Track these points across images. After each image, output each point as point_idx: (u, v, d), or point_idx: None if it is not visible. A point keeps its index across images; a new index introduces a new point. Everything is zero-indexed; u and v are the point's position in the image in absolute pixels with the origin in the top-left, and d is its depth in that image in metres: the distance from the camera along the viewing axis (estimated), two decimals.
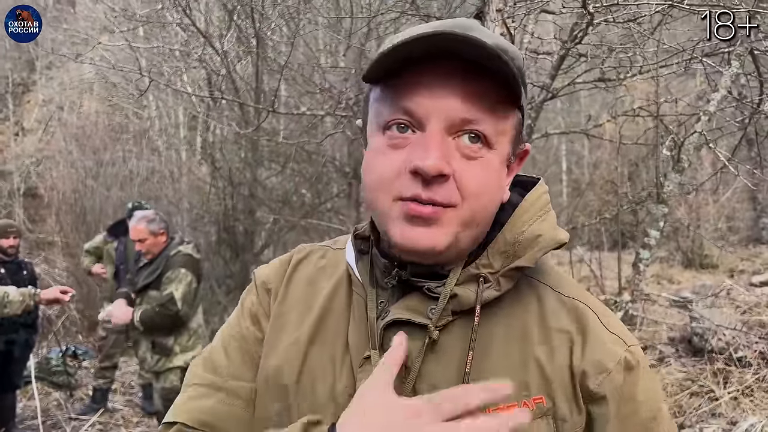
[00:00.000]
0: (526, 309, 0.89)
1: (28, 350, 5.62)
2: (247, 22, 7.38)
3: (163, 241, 4.35)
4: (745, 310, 5.89)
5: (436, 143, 0.79)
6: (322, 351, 0.92)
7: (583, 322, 0.88)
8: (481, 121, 0.80)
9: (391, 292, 0.90)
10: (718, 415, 4.56)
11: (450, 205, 0.81)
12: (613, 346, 0.86)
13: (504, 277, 0.87)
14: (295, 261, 1.05)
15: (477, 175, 0.81)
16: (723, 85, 3.70)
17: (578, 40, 3.40)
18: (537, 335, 0.87)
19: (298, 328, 0.95)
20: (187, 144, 13.99)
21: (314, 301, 0.98)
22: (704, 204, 12.65)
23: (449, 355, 0.86)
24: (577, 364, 0.85)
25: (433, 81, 0.79)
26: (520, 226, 0.88)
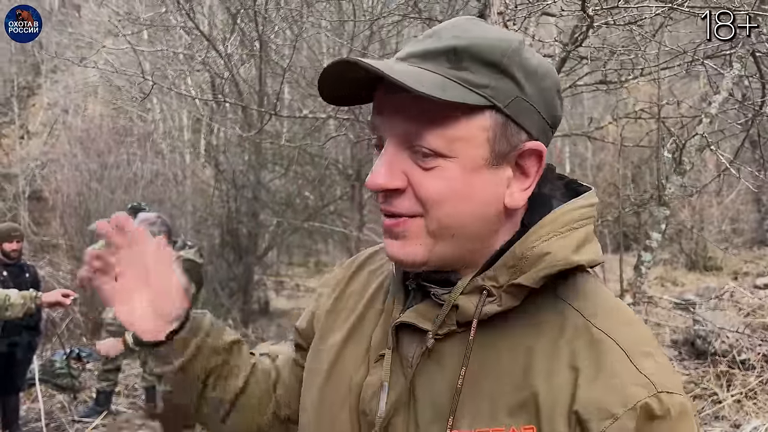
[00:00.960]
0: (541, 332, 0.81)
1: (31, 353, 5.64)
2: (250, 26, 7.41)
3: None
4: (748, 312, 5.87)
5: (386, 160, 0.82)
6: (357, 347, 0.96)
7: (600, 358, 0.76)
8: (423, 134, 0.79)
9: (413, 295, 0.92)
10: (722, 418, 4.55)
11: (413, 215, 0.82)
12: (634, 387, 0.73)
13: (506, 293, 0.81)
14: (359, 263, 1.10)
15: (433, 185, 0.80)
16: (724, 87, 3.69)
17: (579, 42, 3.40)
18: (543, 363, 0.78)
19: (341, 327, 1.01)
20: (191, 147, 14.04)
21: (359, 300, 1.02)
22: (708, 206, 12.62)
23: (447, 367, 0.85)
24: (580, 403, 0.74)
25: (382, 99, 0.83)
26: (532, 240, 0.82)
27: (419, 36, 0.86)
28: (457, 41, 0.79)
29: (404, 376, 0.86)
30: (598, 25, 3.36)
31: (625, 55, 4.13)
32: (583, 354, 0.77)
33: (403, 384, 0.86)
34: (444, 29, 0.83)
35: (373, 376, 0.89)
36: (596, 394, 0.74)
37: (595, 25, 3.23)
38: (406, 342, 0.88)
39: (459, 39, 0.80)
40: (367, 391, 0.89)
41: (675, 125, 4.62)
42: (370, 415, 0.87)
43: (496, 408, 0.78)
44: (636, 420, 0.72)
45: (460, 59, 0.78)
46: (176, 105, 13.79)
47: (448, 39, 0.80)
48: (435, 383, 0.85)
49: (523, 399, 0.77)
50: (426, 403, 0.84)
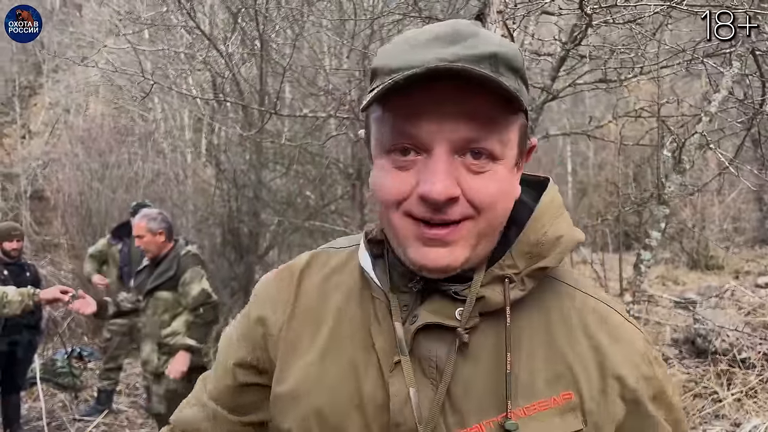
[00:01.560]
0: (549, 308, 0.91)
1: (31, 351, 5.65)
2: (251, 25, 7.41)
3: (161, 242, 4.31)
4: (749, 311, 5.87)
5: (443, 168, 0.80)
6: (339, 360, 0.92)
7: (604, 318, 0.92)
8: (484, 138, 0.81)
9: (414, 296, 0.91)
10: (722, 417, 4.55)
11: (465, 218, 0.83)
12: (639, 342, 0.92)
13: (529, 277, 0.88)
14: (299, 275, 1.04)
15: (486, 189, 0.82)
16: (724, 85, 3.69)
17: (578, 41, 3.39)
18: (562, 333, 0.89)
19: (312, 345, 0.96)
20: (193, 146, 14.04)
21: (325, 313, 0.97)
22: (710, 205, 12.61)
23: (481, 357, 0.87)
24: (608, 359, 0.88)
25: (433, 103, 0.79)
26: (541, 227, 0.89)
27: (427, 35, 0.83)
28: (496, 47, 0.81)
29: (427, 377, 0.86)
30: (597, 24, 3.36)
31: (625, 54, 4.13)
32: (592, 321, 0.91)
33: (431, 386, 0.86)
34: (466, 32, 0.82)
35: (396, 386, 0.86)
36: (620, 353, 0.88)
37: (593, 24, 3.23)
38: (422, 344, 0.87)
39: (494, 45, 0.82)
40: (397, 402, 0.85)
41: (675, 124, 4.61)
42: (405, 424, 0.85)
43: (535, 383, 0.86)
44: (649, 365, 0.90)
45: (498, 65, 0.80)
46: (177, 104, 13.79)
47: (485, 45, 0.81)
48: (470, 377, 0.86)
49: (556, 370, 0.87)
50: (466, 398, 0.85)
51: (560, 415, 0.85)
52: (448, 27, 0.83)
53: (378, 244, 0.97)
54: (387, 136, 0.84)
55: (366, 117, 0.92)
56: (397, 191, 0.83)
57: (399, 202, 0.83)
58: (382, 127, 0.85)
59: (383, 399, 0.87)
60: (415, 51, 0.81)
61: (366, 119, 0.92)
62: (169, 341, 4.31)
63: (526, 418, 0.84)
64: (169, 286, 4.27)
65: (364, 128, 0.94)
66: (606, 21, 3.38)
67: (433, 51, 0.80)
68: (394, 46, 0.85)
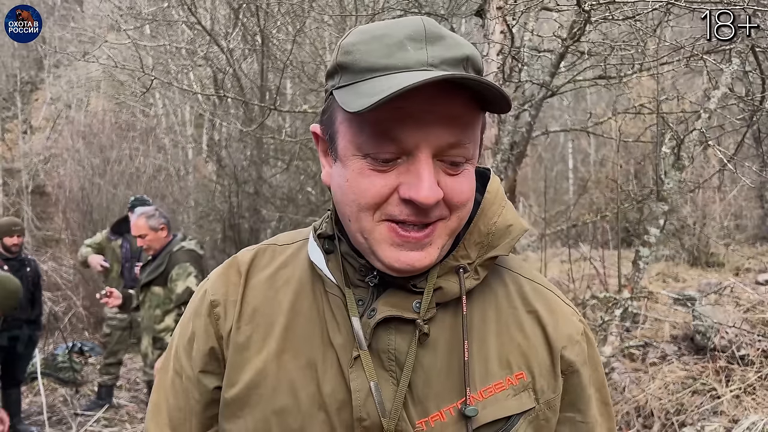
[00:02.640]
0: (495, 293, 0.95)
1: (32, 346, 5.67)
2: (252, 21, 7.41)
3: (164, 236, 4.33)
4: (748, 308, 5.86)
5: (428, 172, 0.80)
6: (296, 359, 0.91)
7: (546, 300, 0.97)
8: (464, 143, 0.82)
9: (370, 290, 0.91)
10: (720, 413, 4.55)
11: (440, 219, 0.84)
12: (574, 318, 0.97)
13: (481, 266, 0.92)
14: (245, 271, 1.00)
15: (462, 188, 0.84)
16: (723, 82, 3.69)
17: (577, 37, 3.39)
18: (510, 317, 0.94)
19: (265, 345, 0.93)
20: (194, 142, 14.05)
21: (276, 310, 0.95)
22: (710, 202, 12.59)
23: (439, 347, 0.89)
24: (553, 339, 0.93)
25: (419, 107, 0.79)
26: (490, 216, 0.92)
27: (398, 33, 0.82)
28: (466, 49, 0.83)
29: (387, 370, 0.87)
30: (596, 20, 3.36)
31: (625, 51, 4.12)
32: (533, 300, 0.96)
33: (391, 379, 0.87)
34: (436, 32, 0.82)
35: (357, 381, 0.86)
36: (560, 329, 0.94)
37: (592, 21, 3.23)
38: (381, 337, 0.88)
39: (465, 47, 0.84)
40: (359, 397, 0.86)
41: (675, 121, 4.61)
42: (369, 419, 0.85)
43: (490, 367, 0.89)
44: (585, 341, 0.97)
45: (469, 66, 0.83)
46: (179, 100, 13.79)
47: (459, 46, 0.83)
48: (430, 367, 0.88)
49: (508, 353, 0.91)
50: (426, 388, 0.87)
51: (515, 395, 0.89)
52: (416, 25, 0.82)
53: (328, 240, 0.96)
54: (365, 138, 0.81)
55: (327, 112, 0.89)
56: (376, 194, 0.82)
57: (377, 204, 0.83)
58: (359, 127, 0.82)
59: (345, 395, 0.87)
60: (394, 50, 0.80)
61: (329, 114, 0.88)
62: (164, 336, 4.30)
63: (484, 400, 0.87)
64: (161, 282, 4.26)
65: (321, 122, 0.92)
66: (605, 18, 3.38)
67: (415, 52, 0.80)
68: (365, 43, 0.82)
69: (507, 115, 3.61)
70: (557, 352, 0.93)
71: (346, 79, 0.83)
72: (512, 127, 3.67)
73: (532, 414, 0.91)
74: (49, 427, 5.68)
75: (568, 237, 9.33)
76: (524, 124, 3.69)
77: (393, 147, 0.80)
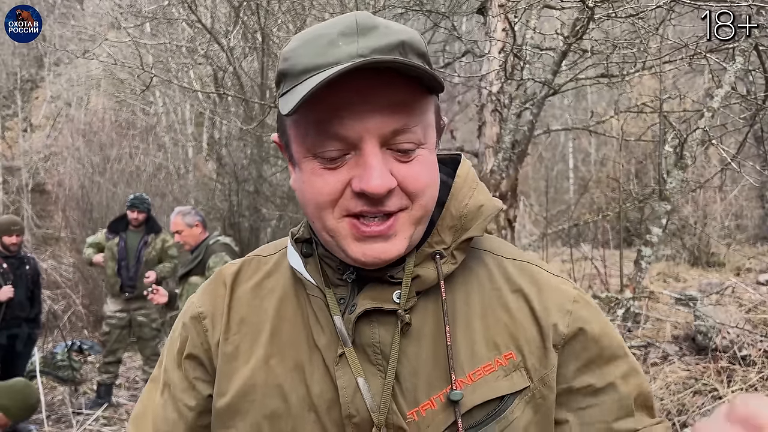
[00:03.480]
0: (477, 276, 0.94)
1: (30, 345, 5.66)
2: (252, 19, 7.39)
3: (199, 233, 4.62)
4: (750, 308, 5.84)
5: (378, 163, 0.80)
6: (284, 363, 0.91)
7: (531, 276, 0.95)
8: (410, 127, 0.81)
9: (350, 287, 0.91)
10: None
11: (400, 210, 0.83)
12: (563, 287, 0.95)
13: (457, 250, 0.91)
14: (230, 283, 1.01)
15: (418, 174, 0.83)
16: (727, 81, 3.66)
17: (579, 35, 3.37)
18: (493, 297, 0.92)
19: (252, 353, 0.94)
20: (194, 140, 14.04)
21: (262, 318, 0.96)
22: (711, 201, 12.59)
23: (423, 335, 0.88)
24: (540, 313, 0.91)
25: (355, 99, 0.79)
26: (461, 199, 0.92)
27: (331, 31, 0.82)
28: (401, 35, 0.82)
29: (374, 364, 0.87)
30: (599, 18, 3.34)
31: (627, 49, 4.10)
32: (517, 278, 0.94)
33: (378, 372, 0.86)
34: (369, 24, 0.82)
35: (343, 378, 0.86)
36: (549, 301, 0.92)
37: (596, 17, 3.21)
38: (364, 332, 0.88)
39: (400, 33, 0.83)
40: (347, 394, 0.85)
41: (678, 120, 4.59)
42: (358, 415, 0.84)
43: (477, 350, 0.88)
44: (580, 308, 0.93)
45: (406, 52, 0.82)
46: (179, 98, 13.77)
47: (393, 33, 0.82)
48: (415, 356, 0.88)
49: (495, 334, 0.90)
50: (414, 378, 0.87)
51: (506, 375, 0.88)
52: (349, 21, 0.82)
53: (306, 244, 0.97)
54: (311, 139, 0.82)
55: (280, 120, 0.90)
56: (330, 191, 0.82)
57: (334, 201, 0.83)
58: (304, 129, 0.83)
59: (333, 394, 0.86)
60: (326, 49, 0.80)
61: (280, 122, 0.90)
62: None
63: (473, 384, 0.86)
64: (199, 271, 4.47)
65: (278, 132, 0.93)
66: (609, 15, 3.36)
67: (346, 47, 0.80)
68: (301, 47, 0.83)
69: (509, 114, 3.59)
70: (547, 326, 0.90)
71: (287, 85, 0.84)
72: (514, 126, 3.65)
73: (528, 393, 0.89)
74: (48, 425, 5.66)
75: (570, 236, 9.31)
76: (526, 123, 3.67)
77: (337, 144, 0.81)
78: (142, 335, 6.22)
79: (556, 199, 15.50)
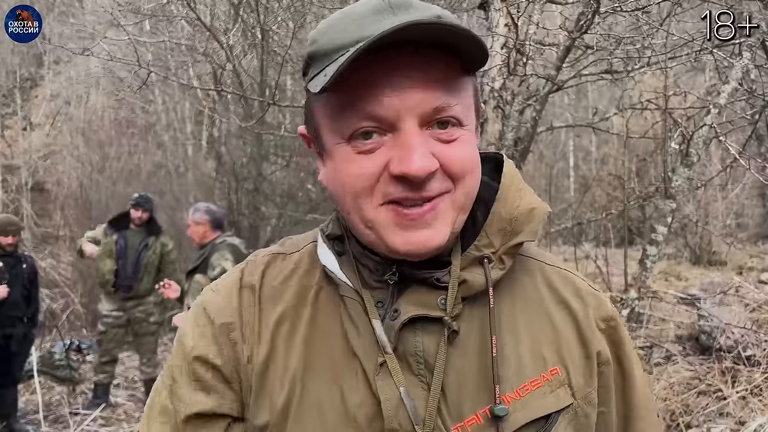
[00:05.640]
0: (523, 286, 0.89)
1: (27, 344, 5.62)
2: (252, 17, 7.34)
3: (203, 231, 4.69)
4: (754, 308, 5.79)
5: (418, 143, 0.74)
6: (319, 375, 0.84)
7: (574, 287, 0.92)
8: (451, 105, 0.76)
9: (389, 290, 0.84)
10: (726, 415, 4.48)
11: (442, 194, 0.78)
12: (604, 305, 0.92)
13: (506, 254, 0.85)
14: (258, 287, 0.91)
15: (460, 156, 0.78)
16: (734, 77, 3.62)
17: (584, 29, 3.32)
18: (539, 308, 0.88)
19: (287, 364, 0.85)
20: (193, 139, 13.99)
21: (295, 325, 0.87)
22: (713, 200, 12.56)
23: (469, 345, 0.83)
24: (585, 329, 0.88)
25: (393, 76, 0.74)
26: (511, 201, 0.86)
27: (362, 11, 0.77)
28: (439, 11, 0.78)
29: (416, 375, 0.80)
30: (604, 12, 3.29)
31: (631, 45, 4.05)
32: (561, 288, 0.91)
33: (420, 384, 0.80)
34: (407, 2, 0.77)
35: (385, 389, 0.79)
36: (592, 318, 0.89)
37: (601, 11, 3.16)
38: (407, 339, 0.81)
39: (435, 9, 0.78)
40: (390, 406, 0.78)
41: (681, 117, 4.54)
42: (402, 428, 0.78)
43: (524, 363, 0.83)
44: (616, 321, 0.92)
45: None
46: (178, 97, 13.74)
47: (428, 8, 0.77)
48: (460, 366, 0.82)
49: (541, 348, 0.85)
50: (459, 390, 0.81)
51: (552, 392, 0.84)
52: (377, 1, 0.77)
53: (338, 241, 0.90)
54: (345, 121, 0.77)
55: (307, 110, 0.85)
56: (368, 176, 0.77)
57: (371, 187, 0.77)
58: (337, 111, 0.78)
59: (374, 406, 0.79)
60: (360, 25, 0.75)
61: (308, 112, 0.85)
62: None
63: (522, 399, 0.82)
64: (203, 270, 4.53)
65: (305, 123, 0.88)
66: (614, 8, 3.31)
67: (381, 22, 0.74)
68: (330, 28, 0.78)
69: (511, 110, 3.54)
70: (590, 343, 0.88)
71: (316, 67, 0.79)
72: (516, 123, 3.60)
73: (571, 411, 0.85)
74: (46, 425, 5.61)
75: (572, 235, 9.27)
76: (529, 120, 3.62)
77: (373, 124, 0.76)
78: (140, 331, 6.16)
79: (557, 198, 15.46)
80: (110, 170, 12.04)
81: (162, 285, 4.76)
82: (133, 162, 12.52)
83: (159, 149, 13.36)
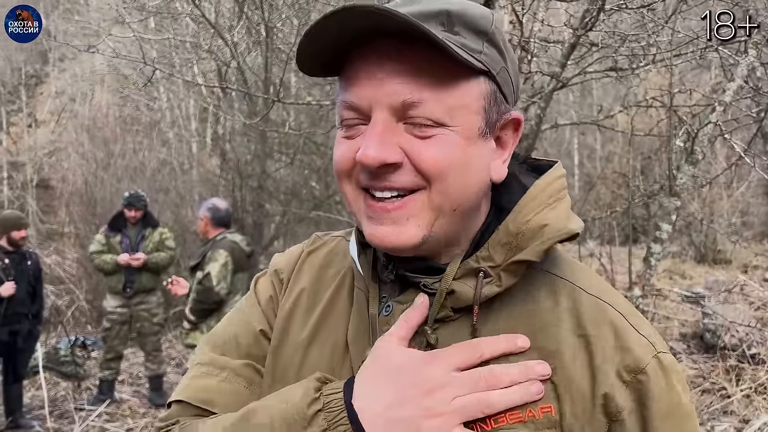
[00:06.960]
0: (540, 307, 0.79)
1: (32, 341, 5.65)
2: (257, 14, 7.34)
3: (203, 226, 4.77)
4: (759, 306, 5.78)
5: (377, 133, 0.74)
6: (322, 350, 0.88)
7: (605, 324, 0.77)
8: (424, 101, 0.73)
9: (391, 287, 0.85)
10: (730, 413, 4.48)
11: (415, 189, 0.76)
12: (640, 350, 0.76)
13: (505, 271, 0.78)
14: (306, 254, 1.01)
15: (432, 154, 0.74)
16: (739, 74, 3.60)
17: (589, 26, 3.31)
18: (551, 339, 0.77)
19: (302, 328, 0.91)
20: (198, 136, 14.00)
21: (318, 297, 0.93)
22: (718, 198, 12.53)
23: None
24: (600, 370, 0.75)
25: (370, 65, 0.74)
26: (525, 214, 0.79)
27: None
28: (449, 5, 0.76)
29: None
30: (609, 8, 3.28)
31: (636, 42, 4.04)
32: (588, 321, 0.77)
33: None
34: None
35: None
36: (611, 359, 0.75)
37: (606, 9, 3.15)
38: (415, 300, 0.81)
39: (449, 4, 0.76)
40: None
41: (687, 114, 4.53)
42: None
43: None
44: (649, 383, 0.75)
45: (452, 24, 0.75)
46: (183, 94, 13.74)
47: (437, 3, 0.76)
48: None
49: None
50: None
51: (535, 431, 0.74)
52: None
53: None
54: (339, 108, 0.80)
55: None
56: (344, 159, 0.79)
57: (349, 171, 0.79)
58: (339, 99, 0.81)
59: None
60: None
61: None
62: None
63: (490, 430, 0.73)
64: (201, 266, 4.61)
65: None
66: (619, 6, 3.30)
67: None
68: None
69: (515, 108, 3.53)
70: (604, 388, 0.74)
71: None
72: None
73: None
74: (51, 421, 5.64)
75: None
76: (533, 117, 3.61)
77: (353, 113, 0.77)
78: (143, 330, 6.19)
79: None
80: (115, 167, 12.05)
81: (170, 282, 4.79)
82: (137, 159, 12.53)
83: (163, 146, 13.37)
